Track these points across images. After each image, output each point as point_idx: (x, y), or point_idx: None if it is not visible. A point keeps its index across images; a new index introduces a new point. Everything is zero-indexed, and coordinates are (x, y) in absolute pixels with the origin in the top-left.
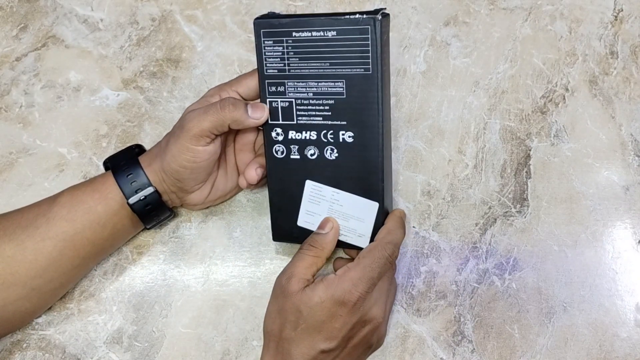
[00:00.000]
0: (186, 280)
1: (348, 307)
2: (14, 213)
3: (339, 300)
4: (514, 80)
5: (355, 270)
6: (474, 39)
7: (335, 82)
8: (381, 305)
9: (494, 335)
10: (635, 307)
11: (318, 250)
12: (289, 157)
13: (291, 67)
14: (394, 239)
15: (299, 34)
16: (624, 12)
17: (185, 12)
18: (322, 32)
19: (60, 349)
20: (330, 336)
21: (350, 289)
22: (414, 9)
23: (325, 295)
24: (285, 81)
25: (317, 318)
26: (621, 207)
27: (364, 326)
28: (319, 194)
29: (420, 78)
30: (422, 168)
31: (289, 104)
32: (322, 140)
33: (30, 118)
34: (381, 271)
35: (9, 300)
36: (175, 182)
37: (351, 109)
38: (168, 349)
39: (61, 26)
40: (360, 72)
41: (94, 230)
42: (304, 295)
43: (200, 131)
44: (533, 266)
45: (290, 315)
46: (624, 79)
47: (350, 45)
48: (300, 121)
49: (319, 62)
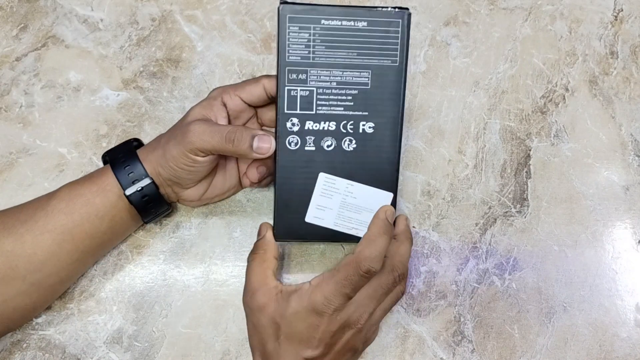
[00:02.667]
0: (186, 280)
1: (325, 318)
2: (13, 208)
3: (315, 311)
4: (514, 80)
5: (328, 285)
6: (474, 39)
7: (360, 72)
8: (363, 309)
9: (494, 335)
10: (635, 307)
11: (260, 254)
12: (304, 149)
13: (316, 54)
14: (373, 252)
15: (329, 22)
16: (624, 12)
17: (185, 12)
18: (352, 21)
19: (60, 349)
20: (312, 345)
21: (323, 302)
22: (414, 9)
23: (299, 306)
24: (308, 69)
25: (295, 328)
26: (621, 207)
27: (345, 332)
28: (332, 187)
29: (420, 78)
30: (422, 168)
31: (309, 93)
32: (341, 131)
33: (30, 118)
34: (355, 287)
35: (8, 296)
36: (172, 178)
37: (374, 100)
38: (168, 349)
39: (61, 26)
40: (387, 64)
41: (92, 223)
42: (277, 306)
43: (202, 148)
44: (533, 266)
45: (268, 328)
46: (624, 79)
47: (380, 37)
48: (320, 111)
49: (346, 51)
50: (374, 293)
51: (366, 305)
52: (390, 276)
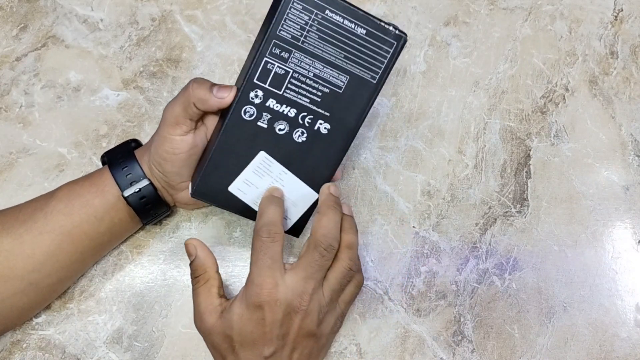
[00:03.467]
0: (186, 280)
1: (267, 308)
2: (12, 208)
3: (253, 305)
4: (514, 80)
5: (251, 272)
6: (474, 39)
7: (339, 74)
8: (303, 293)
9: (494, 335)
10: (635, 307)
11: (201, 275)
12: (255, 123)
13: (307, 40)
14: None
15: (332, 15)
16: (624, 12)
17: (185, 12)
18: (354, 24)
19: (60, 349)
20: (264, 341)
21: (255, 289)
22: (414, 9)
23: (240, 308)
24: (293, 50)
25: (244, 332)
26: (621, 207)
27: (293, 318)
28: (267, 169)
29: (420, 78)
30: (422, 168)
31: (284, 73)
32: (298, 121)
33: (30, 118)
34: (271, 254)
35: (6, 295)
36: (162, 176)
37: (341, 105)
38: (168, 349)
39: (61, 26)
40: (366, 77)
41: (91, 224)
42: (224, 320)
43: (174, 118)
44: (533, 266)
45: (222, 344)
46: (624, 79)
47: (371, 50)
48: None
49: (335, 49)
50: (304, 272)
51: (301, 285)
52: (315, 252)
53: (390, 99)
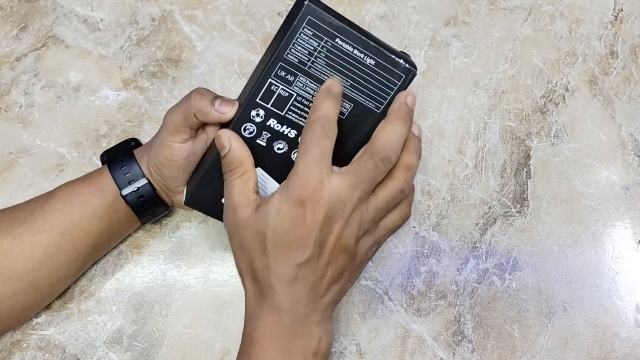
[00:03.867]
0: (186, 280)
1: (310, 206)
2: (11, 208)
3: (294, 200)
4: (514, 80)
5: (296, 165)
6: (474, 39)
7: (343, 102)
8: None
9: (494, 335)
10: (635, 307)
11: (237, 167)
12: (255, 141)
13: (314, 66)
14: (320, 113)
15: (342, 44)
16: (624, 12)
17: (185, 12)
18: (363, 54)
19: (60, 349)
20: (300, 244)
21: (300, 182)
22: (414, 9)
23: (280, 202)
24: (299, 74)
25: (280, 230)
26: (621, 207)
27: (332, 225)
28: (262, 185)
29: (420, 78)
30: (422, 168)
31: (288, 95)
32: (297, 142)
33: (30, 118)
34: (321, 149)
35: (6, 295)
36: (160, 179)
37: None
38: (168, 349)
39: (61, 26)
40: (370, 106)
41: (90, 223)
42: (259, 215)
43: (174, 125)
44: (533, 266)
45: (253, 243)
46: (624, 79)
47: (379, 80)
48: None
49: (342, 76)
50: (353, 179)
51: (347, 191)
52: (369, 160)
53: None
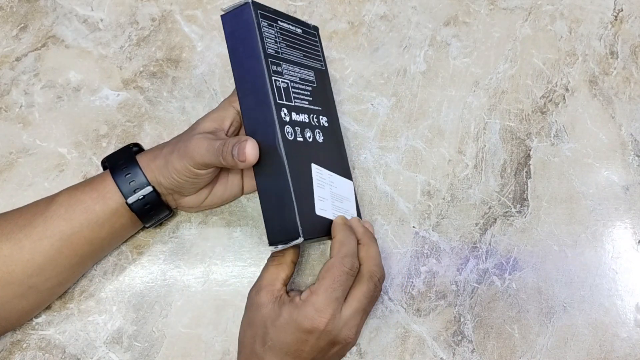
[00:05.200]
0: (186, 280)
1: (316, 334)
2: (12, 212)
3: (306, 329)
4: (514, 80)
5: (318, 295)
6: (474, 39)
7: (308, 72)
8: (353, 326)
9: (494, 335)
10: (635, 307)
11: (278, 257)
12: (296, 140)
13: (282, 50)
14: (349, 250)
15: (282, 24)
16: (624, 12)
17: (185, 12)
18: (294, 26)
19: (60, 349)
20: (298, 358)
21: (315, 316)
22: (414, 9)
23: (290, 319)
24: (281, 62)
25: (284, 339)
26: (621, 207)
27: (333, 347)
28: (322, 178)
29: (420, 78)
30: (422, 168)
31: (287, 85)
32: (312, 124)
33: (30, 118)
34: (344, 288)
35: (5, 299)
36: (174, 188)
37: (321, 97)
38: (168, 349)
39: (61, 26)
40: (319, 67)
41: (91, 230)
42: (271, 311)
43: (202, 163)
44: (533, 266)
45: (259, 329)
46: (624, 79)
47: (310, 43)
48: (296, 103)
49: (297, 51)
50: (359, 304)
51: (354, 319)
52: (371, 283)
53: (390, 99)
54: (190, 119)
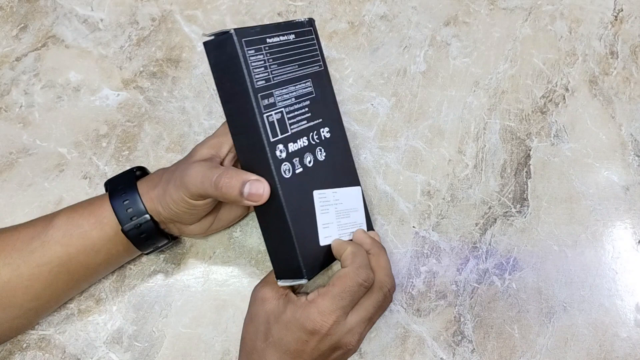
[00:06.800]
0: (186, 280)
1: (318, 337)
2: (9, 232)
3: (308, 330)
4: (514, 80)
5: (324, 299)
6: (474, 39)
7: (305, 82)
8: (356, 334)
9: (494, 335)
10: (635, 307)
11: None
12: (295, 173)
13: (274, 74)
14: (363, 261)
15: (271, 39)
16: (624, 12)
17: (185, 12)
18: (285, 35)
19: (60, 349)
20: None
21: (317, 318)
22: (414, 9)
23: (293, 317)
24: (272, 91)
25: (285, 338)
26: (621, 207)
27: (335, 352)
28: (325, 201)
29: (420, 78)
30: (422, 168)
31: (281, 115)
32: (312, 144)
33: (30, 118)
34: (353, 298)
35: (5, 320)
36: (173, 217)
37: (321, 105)
38: (168, 349)
39: (61, 26)
40: (316, 70)
41: (87, 255)
42: (275, 307)
43: (198, 194)
44: (533, 266)
45: (261, 325)
46: (624, 79)
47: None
48: (293, 129)
49: (290, 65)
50: (366, 314)
51: (360, 327)
52: (380, 293)
53: (390, 99)
54: (190, 119)
